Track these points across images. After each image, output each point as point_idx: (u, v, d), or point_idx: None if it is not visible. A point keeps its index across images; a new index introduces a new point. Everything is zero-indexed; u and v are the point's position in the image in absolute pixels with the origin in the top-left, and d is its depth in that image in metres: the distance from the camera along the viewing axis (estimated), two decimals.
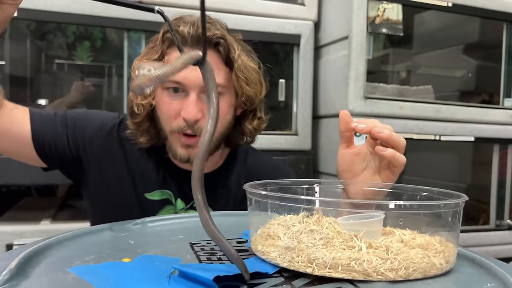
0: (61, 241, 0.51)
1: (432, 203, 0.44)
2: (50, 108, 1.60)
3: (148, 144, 0.88)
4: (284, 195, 0.47)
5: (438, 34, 1.92)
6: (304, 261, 0.43)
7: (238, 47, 0.84)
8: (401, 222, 0.46)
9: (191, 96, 0.80)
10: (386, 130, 0.64)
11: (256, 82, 0.86)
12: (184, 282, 0.40)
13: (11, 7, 0.58)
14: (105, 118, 0.91)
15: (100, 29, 1.66)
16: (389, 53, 1.87)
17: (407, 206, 0.44)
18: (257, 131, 0.92)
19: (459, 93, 1.92)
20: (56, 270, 0.42)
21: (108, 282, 0.39)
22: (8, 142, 0.83)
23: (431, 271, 0.42)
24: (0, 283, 0.36)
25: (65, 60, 1.71)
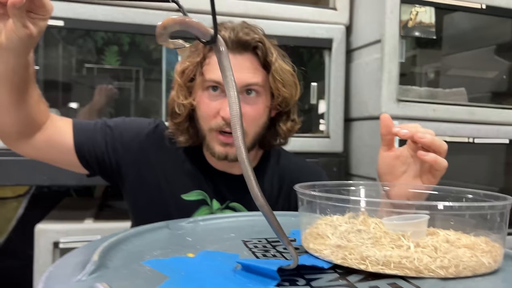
0: (127, 237, 0.55)
1: (480, 205, 0.47)
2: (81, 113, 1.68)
3: (187, 143, 0.92)
4: (337, 196, 0.50)
5: (469, 35, 1.90)
6: (357, 259, 0.46)
7: (274, 51, 0.89)
8: (452, 222, 0.48)
9: None
10: (428, 135, 0.66)
11: (291, 84, 0.90)
12: (248, 274, 0.43)
13: (43, 21, 0.65)
14: (141, 124, 0.96)
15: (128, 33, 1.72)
16: (417, 54, 1.87)
17: (456, 207, 0.46)
18: (291, 133, 0.96)
19: (492, 95, 1.90)
20: (131, 262, 0.46)
21: (181, 274, 0.43)
22: (53, 151, 0.88)
23: (480, 269, 0.44)
24: (89, 272, 0.41)
25: (94, 64, 1.78)
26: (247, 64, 0.86)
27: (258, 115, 0.89)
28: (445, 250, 0.46)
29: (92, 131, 0.91)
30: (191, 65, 0.88)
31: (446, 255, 0.45)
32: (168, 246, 0.54)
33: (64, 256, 0.49)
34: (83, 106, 1.73)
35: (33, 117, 0.80)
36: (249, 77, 0.86)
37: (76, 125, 0.90)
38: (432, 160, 0.67)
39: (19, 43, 0.65)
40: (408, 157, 0.72)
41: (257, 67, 0.87)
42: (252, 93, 0.87)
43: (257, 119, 0.88)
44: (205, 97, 0.87)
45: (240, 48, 0.85)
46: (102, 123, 0.94)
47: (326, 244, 0.51)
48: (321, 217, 0.56)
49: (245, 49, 0.85)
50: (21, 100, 0.76)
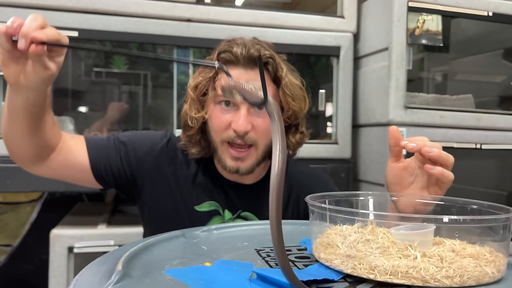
0: (147, 247, 0.58)
1: (483, 218, 0.49)
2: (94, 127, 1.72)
3: (199, 155, 0.95)
4: (347, 209, 0.53)
5: (476, 39, 1.91)
6: (366, 268, 0.49)
7: (284, 66, 0.92)
8: (456, 234, 0.50)
9: (241, 110, 0.87)
10: (436, 149, 0.68)
11: (300, 98, 0.93)
12: (263, 284, 0.46)
13: (61, 57, 0.69)
14: (154, 138, 0.98)
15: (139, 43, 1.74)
16: (424, 57, 1.89)
17: (460, 220, 0.48)
18: (300, 145, 0.99)
19: (499, 99, 1.91)
20: (152, 272, 0.49)
21: (200, 284, 0.45)
22: (69, 171, 0.91)
23: (484, 279, 0.47)
24: (114, 282, 0.44)
25: (102, 68, 1.82)
26: (258, 78, 0.87)
27: (269, 128, 0.90)
28: (451, 260, 0.48)
29: (106, 147, 0.93)
30: (204, 80, 0.91)
31: (452, 265, 0.47)
32: (185, 255, 0.56)
33: (88, 266, 0.52)
34: (92, 111, 1.77)
35: (47, 141, 0.82)
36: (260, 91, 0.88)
37: (90, 143, 0.92)
38: (439, 174, 0.69)
39: (40, 82, 0.69)
40: (416, 168, 0.74)
41: (267, 82, 0.90)
42: (263, 107, 0.89)
43: (268, 131, 0.91)
44: (217, 110, 0.90)
45: (252, 64, 0.88)
46: (115, 138, 0.96)
47: (336, 253, 0.54)
48: (331, 226, 0.59)
49: (256, 64, 0.89)
50: (37, 127, 0.78)
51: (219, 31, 1.45)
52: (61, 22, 1.34)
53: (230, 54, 0.89)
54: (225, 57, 0.89)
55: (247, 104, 0.87)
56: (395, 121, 1.44)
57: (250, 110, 0.88)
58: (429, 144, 0.69)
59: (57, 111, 1.60)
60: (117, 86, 1.82)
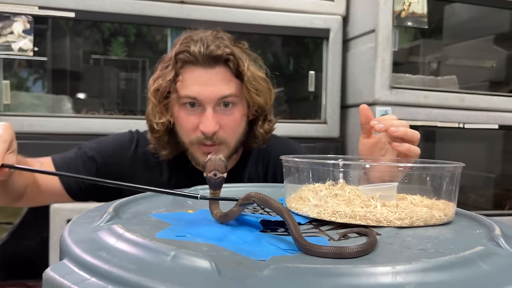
0: (137, 199, 0.64)
1: (433, 166, 0.55)
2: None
3: (170, 155, 0.94)
4: (316, 161, 0.59)
5: (469, 25, 1.96)
6: (329, 213, 0.55)
7: (246, 59, 0.90)
8: (406, 180, 0.56)
9: (207, 110, 0.87)
10: (402, 128, 0.72)
11: (265, 91, 0.93)
12: (237, 224, 0.52)
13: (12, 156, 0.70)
14: (122, 145, 0.97)
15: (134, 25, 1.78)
16: (420, 44, 1.93)
17: (415, 167, 0.54)
18: (268, 134, 0.99)
19: (489, 83, 1.96)
20: (140, 215, 0.55)
21: (181, 223, 0.51)
22: (47, 198, 0.92)
23: (431, 220, 0.53)
24: (105, 220, 0.50)
25: (101, 55, 1.86)
26: (219, 77, 0.88)
27: (236, 125, 0.92)
28: (405, 207, 0.54)
29: (75, 167, 0.92)
30: (164, 83, 0.88)
31: (405, 210, 0.54)
32: (171, 206, 0.63)
33: (82, 213, 0.58)
34: (90, 97, 1.81)
35: (16, 192, 0.82)
36: (222, 89, 0.88)
37: (58, 167, 0.91)
38: (406, 150, 0.72)
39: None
40: (386, 143, 0.78)
41: (230, 78, 0.89)
42: (229, 105, 0.90)
43: (236, 128, 0.92)
44: (183, 112, 0.89)
45: (212, 62, 0.87)
46: (82, 154, 0.94)
47: (306, 204, 0.60)
48: (305, 185, 0.65)
49: (216, 62, 0.87)
50: (4, 191, 0.79)
51: (213, 13, 1.50)
52: (57, 3, 1.39)
53: (188, 54, 0.86)
54: (183, 58, 0.87)
55: (212, 104, 0.87)
56: (381, 101, 1.49)
57: (216, 109, 0.88)
58: (396, 123, 0.73)
59: (55, 91, 1.66)
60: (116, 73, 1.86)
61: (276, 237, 0.48)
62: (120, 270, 0.35)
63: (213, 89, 0.87)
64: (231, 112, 0.90)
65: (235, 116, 0.91)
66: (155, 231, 0.47)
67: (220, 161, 0.55)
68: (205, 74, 0.87)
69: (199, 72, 0.87)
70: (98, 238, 0.44)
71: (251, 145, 1.00)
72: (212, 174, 0.54)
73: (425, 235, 0.48)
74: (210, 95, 0.87)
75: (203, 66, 0.87)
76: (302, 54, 1.82)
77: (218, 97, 0.88)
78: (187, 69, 0.88)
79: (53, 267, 0.39)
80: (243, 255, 0.40)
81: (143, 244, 0.39)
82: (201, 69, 0.87)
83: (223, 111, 0.89)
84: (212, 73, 0.88)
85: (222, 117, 0.89)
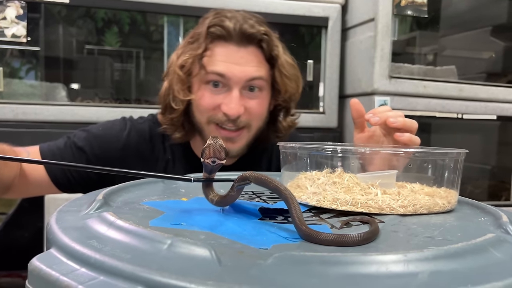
0: (127, 187, 0.62)
1: (436, 151, 0.53)
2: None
3: (182, 139, 0.89)
4: (311, 146, 0.57)
5: (466, 16, 1.94)
6: (329, 200, 0.53)
7: (279, 44, 0.86)
8: (410, 166, 0.55)
9: (234, 91, 0.82)
10: (400, 119, 0.69)
11: (296, 79, 0.89)
12: (234, 212, 0.50)
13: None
14: (114, 134, 0.91)
15: (128, 14, 1.75)
16: (416, 35, 1.91)
17: (417, 153, 0.52)
18: (291, 128, 0.94)
19: (486, 75, 1.95)
20: (131, 203, 0.53)
21: (175, 211, 0.49)
22: (36, 189, 0.87)
23: (434, 208, 0.51)
24: (94, 208, 0.48)
25: (94, 45, 1.82)
26: (251, 57, 0.83)
27: (263, 110, 0.87)
28: (407, 194, 0.53)
29: (63, 159, 0.86)
30: (191, 58, 0.83)
31: (407, 197, 0.52)
32: (164, 194, 0.61)
33: (70, 200, 0.56)
34: (84, 88, 1.78)
35: (4, 180, 0.78)
36: (253, 70, 0.83)
37: (46, 156, 0.85)
38: (408, 140, 0.70)
39: None
40: (381, 136, 0.75)
41: (261, 61, 0.84)
42: (254, 90, 0.85)
43: (261, 114, 0.87)
44: (206, 90, 0.84)
45: (245, 41, 0.82)
46: (72, 144, 0.88)
47: (304, 192, 0.58)
48: (302, 172, 0.63)
49: (250, 42, 0.82)
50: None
51: (209, 0, 1.47)
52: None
53: (221, 28, 0.81)
54: (215, 32, 0.82)
55: (239, 85, 0.82)
56: (379, 91, 1.47)
57: (242, 92, 0.84)
58: (392, 114, 0.70)
59: (49, 78, 1.63)
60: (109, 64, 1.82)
61: (276, 225, 0.46)
62: (112, 259, 0.32)
63: (243, 69, 0.82)
64: (257, 96, 0.85)
65: (262, 101, 0.86)
66: (148, 219, 0.45)
67: (220, 148, 0.52)
68: (237, 52, 0.82)
69: (231, 49, 0.82)
70: (87, 226, 0.42)
71: (270, 138, 0.94)
72: (211, 161, 0.51)
73: (430, 223, 0.47)
74: (239, 75, 0.82)
75: (236, 43, 0.81)
76: (300, 43, 1.80)
77: (248, 78, 0.82)
78: (218, 44, 0.83)
79: (39, 257, 0.36)
80: (243, 243, 0.38)
81: (136, 232, 0.37)
82: (233, 46, 0.82)
83: (248, 95, 0.84)
84: (244, 52, 0.82)
85: (248, 101, 0.83)
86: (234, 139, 0.85)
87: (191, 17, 1.50)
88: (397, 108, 1.50)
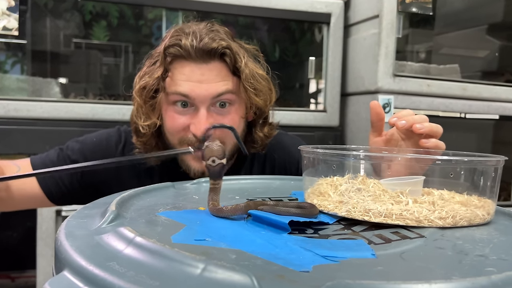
0: (138, 194, 0.57)
1: (477, 159, 0.49)
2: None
3: (158, 161, 0.85)
4: (337, 152, 0.53)
5: (462, 14, 1.92)
6: (361, 211, 0.49)
7: (244, 55, 0.80)
8: (451, 175, 0.51)
9: (201, 111, 0.78)
10: (426, 124, 0.66)
11: (265, 91, 0.83)
12: (259, 224, 0.46)
13: None
14: (108, 146, 0.88)
15: (117, 8, 1.69)
16: (409, 33, 1.88)
17: (453, 161, 0.49)
18: (269, 138, 0.89)
19: (482, 74, 1.93)
20: (146, 214, 0.48)
21: (197, 223, 0.45)
22: (28, 203, 0.83)
23: (475, 220, 0.48)
24: (108, 220, 0.43)
25: (82, 39, 1.76)
26: (214, 73, 0.78)
27: (236, 124, 0.81)
28: (442, 204, 0.49)
29: (57, 173, 0.81)
30: (152, 80, 0.78)
31: (443, 208, 0.48)
32: (178, 202, 0.56)
33: (77, 210, 0.51)
34: (72, 82, 1.72)
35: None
36: (218, 86, 0.78)
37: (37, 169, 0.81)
38: (434, 146, 0.67)
39: None
40: (399, 139, 0.72)
41: (226, 74, 0.79)
42: (225, 105, 0.80)
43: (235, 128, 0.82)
44: (172, 111, 0.80)
45: (205, 57, 0.77)
46: (65, 157, 0.85)
47: (329, 200, 0.54)
48: (323, 178, 0.59)
49: (211, 57, 0.77)
50: None
51: None
52: None
53: (178, 48, 0.76)
54: (173, 52, 0.77)
55: (206, 103, 0.77)
56: (383, 89, 1.44)
57: (211, 110, 0.79)
58: (418, 119, 0.67)
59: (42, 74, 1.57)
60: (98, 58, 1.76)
61: (308, 240, 0.42)
62: (139, 287, 0.28)
63: (207, 86, 0.77)
64: (228, 112, 0.80)
65: (233, 116, 0.81)
66: (169, 233, 0.41)
67: (218, 147, 0.53)
68: (199, 70, 0.77)
69: (192, 68, 0.77)
70: (104, 243, 0.37)
71: (248, 150, 0.88)
72: (211, 161, 0.52)
73: (476, 238, 0.43)
74: (203, 93, 0.77)
75: (196, 61, 0.77)
76: (301, 39, 1.76)
77: (213, 95, 0.78)
78: (178, 65, 0.78)
79: (52, 282, 0.32)
80: (280, 265, 0.34)
81: (162, 252, 0.33)
82: (193, 64, 0.77)
83: (219, 112, 0.79)
84: (206, 69, 0.77)
85: (218, 118, 0.79)
86: None
87: (190, 11, 1.45)
88: (401, 108, 1.47)
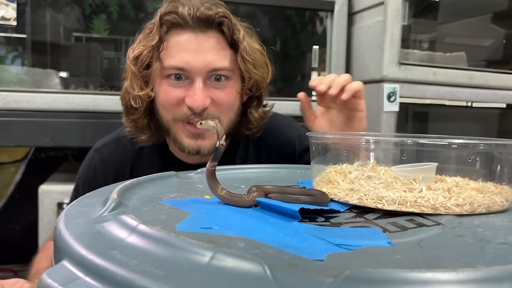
0: (140, 182, 0.55)
1: (495, 142, 0.47)
2: None
3: (150, 141, 0.82)
4: (347, 136, 0.51)
5: (466, 3, 1.89)
6: (373, 199, 0.47)
7: (242, 27, 0.78)
8: (470, 159, 0.49)
9: (196, 82, 0.74)
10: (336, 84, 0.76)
11: (262, 65, 0.80)
12: (267, 212, 0.44)
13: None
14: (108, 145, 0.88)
15: (116, 1, 1.67)
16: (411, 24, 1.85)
17: (471, 144, 0.47)
18: (263, 120, 0.86)
19: (487, 63, 1.90)
20: (150, 202, 0.46)
21: (202, 211, 0.43)
22: None
23: (493, 207, 0.46)
24: (110, 209, 0.41)
25: (82, 33, 1.73)
26: (211, 43, 0.75)
27: (232, 100, 0.79)
28: (458, 191, 0.47)
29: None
30: (146, 50, 0.75)
31: (460, 195, 0.46)
32: (182, 190, 0.54)
33: (77, 199, 0.49)
34: (72, 76, 1.70)
35: None
36: (216, 59, 0.75)
37: None
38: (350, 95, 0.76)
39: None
40: (338, 114, 0.80)
41: (223, 47, 0.76)
42: (221, 79, 0.77)
43: (231, 105, 0.79)
44: (166, 84, 0.76)
45: (202, 26, 0.74)
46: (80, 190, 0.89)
47: (338, 188, 0.52)
48: (331, 165, 0.57)
49: (208, 26, 0.74)
50: None
51: None
52: None
53: (175, 15, 0.74)
54: (169, 19, 0.75)
55: (202, 75, 0.75)
56: (389, 78, 1.41)
57: (207, 83, 0.76)
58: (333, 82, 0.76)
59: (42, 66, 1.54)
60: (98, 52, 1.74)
61: (319, 228, 0.40)
62: (144, 277, 0.26)
63: (204, 57, 0.74)
64: (224, 86, 0.77)
65: (230, 90, 0.78)
66: (174, 221, 0.39)
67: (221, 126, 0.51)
68: (195, 39, 0.74)
69: (188, 37, 0.74)
70: (105, 231, 0.36)
71: (243, 132, 0.85)
72: (223, 141, 0.50)
73: (496, 225, 0.41)
74: (200, 65, 0.74)
75: (193, 30, 0.74)
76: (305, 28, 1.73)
77: (210, 68, 0.75)
78: (174, 34, 0.75)
79: (50, 272, 0.30)
80: (292, 253, 0.32)
81: (167, 240, 0.31)
82: (190, 33, 0.74)
83: (215, 85, 0.76)
84: (203, 39, 0.74)
85: (214, 91, 0.76)
86: (204, 135, 0.77)
87: None
88: (406, 96, 1.44)
